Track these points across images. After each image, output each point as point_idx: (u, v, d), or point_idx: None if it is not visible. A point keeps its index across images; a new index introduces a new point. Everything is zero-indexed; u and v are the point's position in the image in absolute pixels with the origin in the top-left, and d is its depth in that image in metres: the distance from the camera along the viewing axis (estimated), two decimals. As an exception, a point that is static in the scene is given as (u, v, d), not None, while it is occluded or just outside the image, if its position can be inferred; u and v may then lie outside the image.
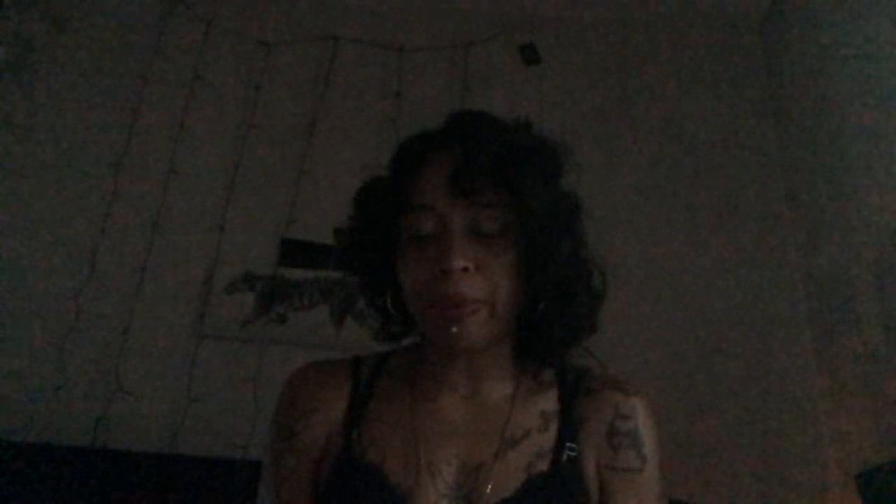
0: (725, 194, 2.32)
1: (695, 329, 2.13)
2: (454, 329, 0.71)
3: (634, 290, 2.13)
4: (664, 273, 2.20)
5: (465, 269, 0.71)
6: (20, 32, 2.42)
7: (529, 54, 2.45)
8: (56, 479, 1.81)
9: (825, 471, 1.92)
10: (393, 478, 0.74)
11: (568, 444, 0.76)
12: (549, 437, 0.77)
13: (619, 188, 2.30)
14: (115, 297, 2.15)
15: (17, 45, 2.41)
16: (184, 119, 2.37)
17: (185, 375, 2.07)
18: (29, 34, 2.43)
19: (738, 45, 2.53)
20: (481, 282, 0.71)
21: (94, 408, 2.01)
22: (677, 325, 2.13)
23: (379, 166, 0.83)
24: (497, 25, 2.51)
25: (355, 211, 0.82)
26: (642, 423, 0.77)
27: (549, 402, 0.80)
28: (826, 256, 2.01)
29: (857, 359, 1.82)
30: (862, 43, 1.88)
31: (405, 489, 0.73)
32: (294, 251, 2.23)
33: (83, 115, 2.38)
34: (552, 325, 0.77)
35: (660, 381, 2.01)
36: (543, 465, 0.74)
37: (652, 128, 2.42)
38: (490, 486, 0.73)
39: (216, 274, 2.20)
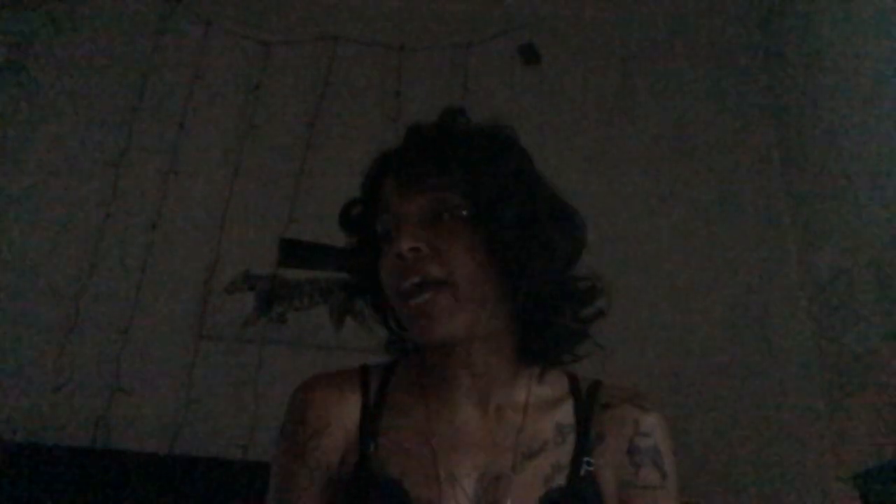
0: (725, 194, 2.31)
1: (694, 329, 2.13)
2: (423, 321, 0.72)
3: (633, 289, 2.12)
4: (664, 272, 2.20)
5: (417, 250, 0.72)
6: (20, 32, 2.42)
7: (529, 54, 2.45)
8: (56, 479, 1.81)
9: (825, 471, 1.92)
10: (413, 491, 0.73)
11: (585, 459, 0.76)
12: (566, 451, 0.76)
13: (619, 188, 2.30)
14: (115, 297, 2.15)
15: (17, 45, 2.41)
16: (184, 119, 2.37)
17: (185, 375, 2.07)
18: (29, 34, 2.43)
19: (738, 45, 2.53)
20: (437, 262, 0.72)
21: (95, 408, 2.01)
22: (676, 325, 2.13)
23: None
24: (497, 25, 2.51)
25: (345, 233, 0.85)
26: (661, 439, 0.78)
27: (564, 414, 0.79)
28: (826, 256, 2.01)
29: (857, 359, 1.82)
30: (861, 43, 1.88)
31: (426, 502, 0.72)
32: (294, 251, 2.23)
33: (83, 115, 2.37)
34: (545, 311, 0.77)
35: (659, 381, 2.01)
36: (561, 479, 0.74)
37: (652, 128, 2.42)
38: (510, 499, 0.73)
39: (216, 274, 2.20)
